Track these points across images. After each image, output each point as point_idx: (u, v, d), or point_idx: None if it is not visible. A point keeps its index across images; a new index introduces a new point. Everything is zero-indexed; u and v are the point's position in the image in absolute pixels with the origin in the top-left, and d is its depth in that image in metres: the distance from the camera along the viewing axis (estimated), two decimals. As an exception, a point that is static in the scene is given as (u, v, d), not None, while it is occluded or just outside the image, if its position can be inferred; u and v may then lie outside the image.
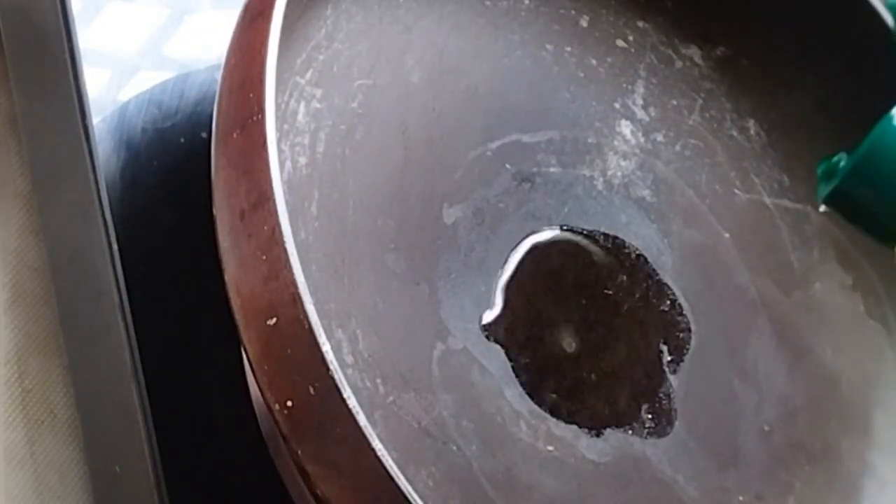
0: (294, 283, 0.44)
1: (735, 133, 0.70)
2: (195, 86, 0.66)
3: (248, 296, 0.46)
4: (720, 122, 0.70)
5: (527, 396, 0.56)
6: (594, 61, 0.67)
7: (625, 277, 0.64)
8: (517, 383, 0.57)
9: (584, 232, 0.64)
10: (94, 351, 0.53)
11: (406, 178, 0.58)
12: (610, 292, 0.63)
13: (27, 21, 0.58)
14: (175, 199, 0.62)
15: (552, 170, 0.64)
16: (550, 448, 0.56)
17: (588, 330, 0.61)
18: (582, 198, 0.64)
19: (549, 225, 0.63)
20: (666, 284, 0.65)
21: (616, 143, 0.66)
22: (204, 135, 0.63)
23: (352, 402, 0.43)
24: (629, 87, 0.68)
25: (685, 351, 0.64)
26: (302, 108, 0.55)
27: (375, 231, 0.55)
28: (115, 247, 0.55)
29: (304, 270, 0.44)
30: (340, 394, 0.43)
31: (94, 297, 0.54)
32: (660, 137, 0.68)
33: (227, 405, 0.58)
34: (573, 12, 0.65)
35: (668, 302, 0.65)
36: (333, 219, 0.54)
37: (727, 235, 0.67)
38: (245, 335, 0.46)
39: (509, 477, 0.54)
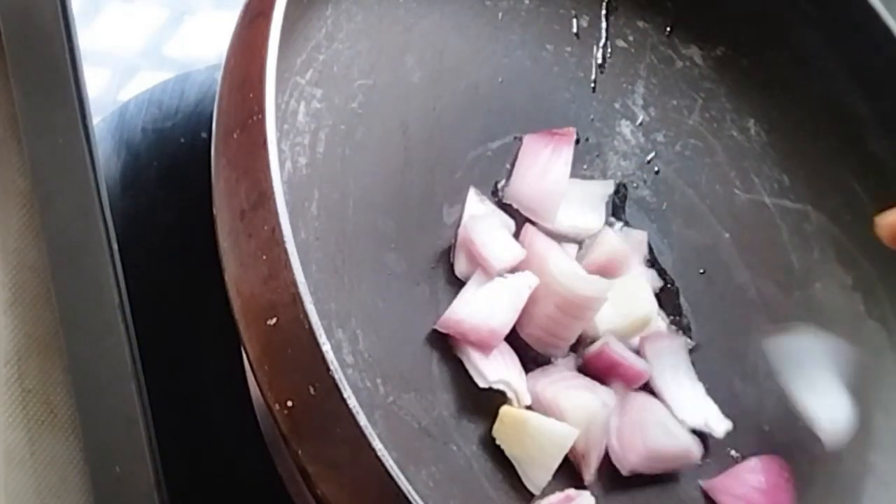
0: (294, 283, 0.44)
1: (735, 133, 0.70)
2: (195, 86, 0.66)
3: (249, 296, 0.46)
4: (720, 122, 0.70)
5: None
6: (594, 61, 0.67)
7: (625, 277, 0.64)
8: (517, 383, 0.57)
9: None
10: (94, 351, 0.53)
11: (406, 178, 0.58)
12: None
13: (27, 21, 0.58)
14: (175, 199, 0.62)
15: (552, 170, 0.64)
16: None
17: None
18: (582, 198, 0.65)
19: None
20: (666, 285, 0.65)
21: (616, 143, 0.66)
22: (204, 135, 0.63)
23: (352, 402, 0.43)
24: (629, 87, 0.68)
25: (685, 351, 0.64)
26: (302, 108, 0.55)
27: (375, 231, 0.55)
28: (115, 247, 0.55)
29: (304, 270, 0.44)
30: (341, 394, 0.43)
31: (94, 297, 0.54)
32: (660, 137, 0.68)
33: (227, 405, 0.58)
34: (573, 12, 0.65)
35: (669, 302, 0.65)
36: (333, 219, 0.54)
37: (727, 235, 0.67)
38: (245, 335, 0.46)
39: (509, 476, 0.54)
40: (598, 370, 0.59)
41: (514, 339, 0.57)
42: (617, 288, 0.58)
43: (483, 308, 0.55)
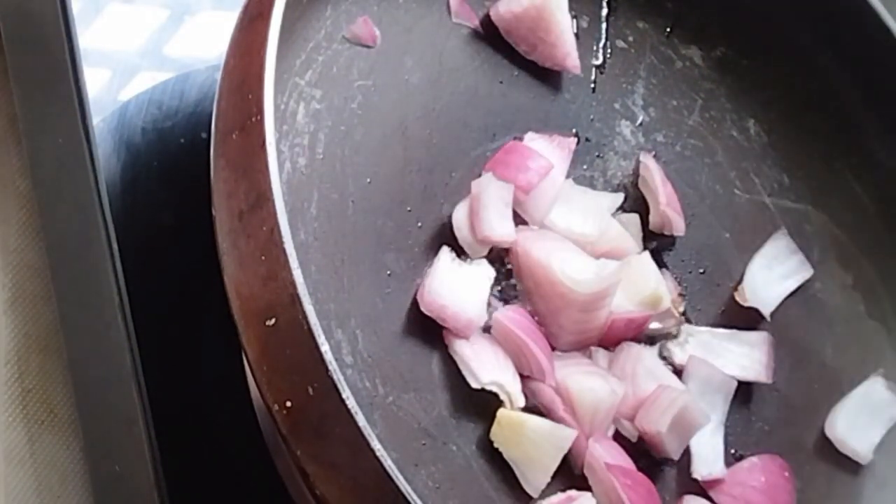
0: (293, 284, 0.44)
1: (735, 133, 0.70)
2: (195, 86, 0.66)
3: (247, 296, 0.46)
4: (720, 122, 0.70)
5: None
6: (594, 61, 0.67)
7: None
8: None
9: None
10: (94, 351, 0.53)
11: (406, 178, 0.58)
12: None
13: (27, 21, 0.58)
14: (175, 199, 0.62)
15: (552, 170, 0.64)
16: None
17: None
18: (582, 198, 0.64)
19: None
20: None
21: (616, 143, 0.66)
22: (204, 135, 0.63)
23: (351, 402, 0.43)
24: (629, 87, 0.68)
25: (685, 351, 0.64)
26: (301, 109, 0.55)
27: (375, 231, 0.55)
28: (115, 247, 0.55)
29: (303, 271, 0.44)
30: (339, 394, 0.43)
31: (94, 297, 0.54)
32: (660, 137, 0.68)
33: (227, 405, 0.58)
34: (573, 13, 0.65)
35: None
36: (333, 219, 0.54)
37: (727, 235, 0.67)
38: (244, 336, 0.46)
39: (509, 477, 0.54)
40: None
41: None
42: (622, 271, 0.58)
43: (461, 295, 0.55)
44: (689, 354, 0.61)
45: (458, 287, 0.55)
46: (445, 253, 0.56)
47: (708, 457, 0.60)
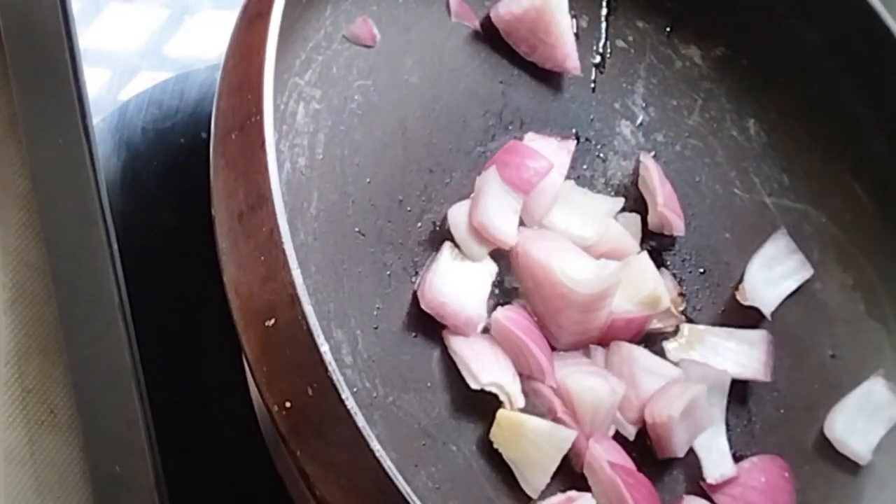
0: (292, 284, 0.44)
1: (735, 133, 0.70)
2: (195, 86, 0.66)
3: (247, 297, 0.46)
4: (720, 122, 0.70)
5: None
6: (594, 61, 0.67)
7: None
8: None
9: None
10: (94, 351, 0.53)
11: (406, 178, 0.58)
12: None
13: (27, 21, 0.58)
14: (175, 199, 0.62)
15: (552, 170, 0.64)
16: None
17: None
18: (582, 198, 0.65)
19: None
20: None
21: (616, 143, 0.66)
22: (204, 135, 0.63)
23: (350, 402, 0.43)
24: (629, 87, 0.68)
25: (685, 351, 0.64)
26: (301, 110, 0.55)
27: (375, 231, 0.55)
28: (115, 247, 0.55)
29: (303, 271, 0.44)
30: (339, 394, 0.43)
31: (94, 297, 0.54)
32: (660, 137, 0.68)
33: (227, 405, 0.58)
34: (573, 12, 0.65)
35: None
36: (333, 220, 0.54)
37: (727, 235, 0.67)
38: (244, 336, 0.46)
39: (509, 477, 0.54)
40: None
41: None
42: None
43: (461, 292, 0.55)
44: (682, 357, 0.61)
45: (458, 284, 0.55)
46: (447, 249, 0.56)
47: (716, 458, 0.59)
